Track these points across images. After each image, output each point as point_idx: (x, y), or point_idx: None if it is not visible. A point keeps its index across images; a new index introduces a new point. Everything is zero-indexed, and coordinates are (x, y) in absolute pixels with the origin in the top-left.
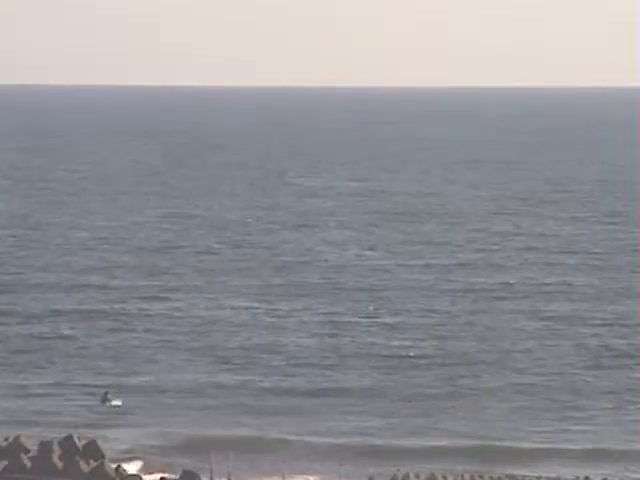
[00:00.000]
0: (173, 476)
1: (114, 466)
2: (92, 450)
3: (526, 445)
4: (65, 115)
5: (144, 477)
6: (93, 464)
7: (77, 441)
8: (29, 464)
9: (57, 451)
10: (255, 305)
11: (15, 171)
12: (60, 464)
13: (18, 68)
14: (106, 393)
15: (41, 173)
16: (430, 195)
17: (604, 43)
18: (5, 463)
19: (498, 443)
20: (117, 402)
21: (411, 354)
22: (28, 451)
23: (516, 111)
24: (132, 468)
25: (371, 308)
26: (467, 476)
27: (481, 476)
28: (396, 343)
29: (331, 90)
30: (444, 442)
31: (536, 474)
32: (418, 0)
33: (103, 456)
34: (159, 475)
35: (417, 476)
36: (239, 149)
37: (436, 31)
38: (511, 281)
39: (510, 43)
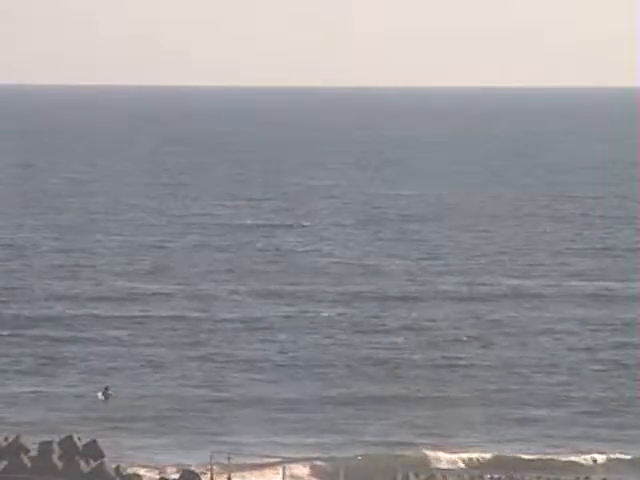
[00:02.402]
0: (173, 476)
1: (114, 466)
2: (92, 450)
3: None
4: (65, 115)
5: (144, 477)
6: (93, 464)
7: (77, 441)
8: (29, 464)
9: (57, 451)
10: (255, 306)
11: (15, 172)
12: (60, 464)
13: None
14: (106, 389)
15: (41, 174)
16: (430, 196)
17: (604, 43)
18: (5, 463)
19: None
20: (113, 395)
21: (415, 357)
22: (28, 451)
23: (516, 111)
24: (132, 468)
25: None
26: (467, 476)
27: (481, 476)
28: (400, 344)
29: (331, 90)
30: (456, 450)
31: (536, 474)
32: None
33: (103, 456)
34: (159, 475)
35: (417, 476)
36: (238, 149)
37: (435, 31)
38: (518, 284)
39: (510, 43)
